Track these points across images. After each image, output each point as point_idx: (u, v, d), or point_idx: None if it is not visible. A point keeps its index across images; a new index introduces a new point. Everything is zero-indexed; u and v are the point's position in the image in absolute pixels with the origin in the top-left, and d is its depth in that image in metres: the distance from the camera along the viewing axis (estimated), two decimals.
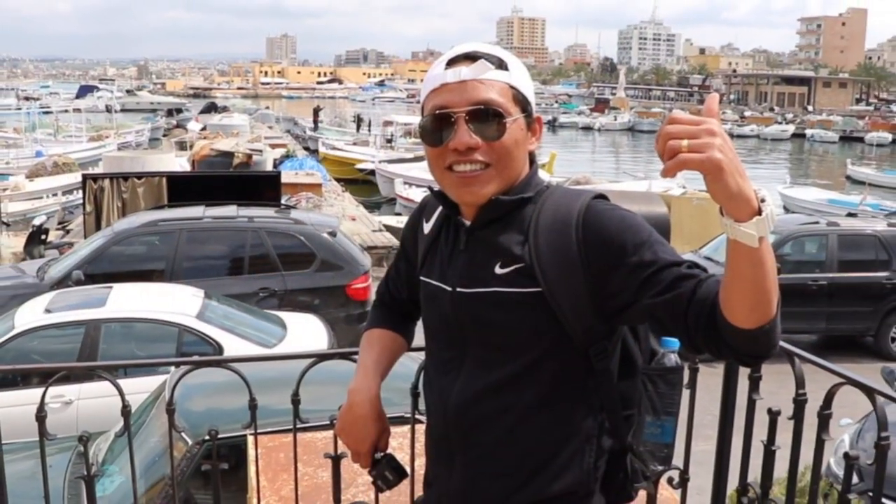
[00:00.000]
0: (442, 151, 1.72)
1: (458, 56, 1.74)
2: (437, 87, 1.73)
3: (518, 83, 1.75)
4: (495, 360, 1.75)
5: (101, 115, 50.52)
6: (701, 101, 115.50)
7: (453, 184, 1.74)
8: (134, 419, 2.63)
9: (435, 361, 1.89)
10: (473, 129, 1.68)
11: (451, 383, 1.80)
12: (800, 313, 11.41)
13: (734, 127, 79.16)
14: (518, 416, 1.74)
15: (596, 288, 1.67)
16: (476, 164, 1.70)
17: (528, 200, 1.76)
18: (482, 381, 1.76)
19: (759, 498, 2.62)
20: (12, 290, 8.92)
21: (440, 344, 1.87)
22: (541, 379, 1.73)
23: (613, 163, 53.18)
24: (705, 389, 2.74)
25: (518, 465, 1.75)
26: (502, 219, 1.76)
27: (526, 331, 1.72)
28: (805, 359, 2.55)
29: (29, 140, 35.74)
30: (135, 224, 9.84)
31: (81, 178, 14.89)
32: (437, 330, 1.87)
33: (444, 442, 1.84)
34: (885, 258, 11.67)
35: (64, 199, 22.00)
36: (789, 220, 13.63)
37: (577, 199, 1.74)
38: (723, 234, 1.39)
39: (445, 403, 1.81)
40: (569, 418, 1.75)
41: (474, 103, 1.68)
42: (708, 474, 2.93)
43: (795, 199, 27.03)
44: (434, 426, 1.88)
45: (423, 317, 1.96)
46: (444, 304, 1.81)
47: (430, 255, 1.89)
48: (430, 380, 1.91)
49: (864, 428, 6.05)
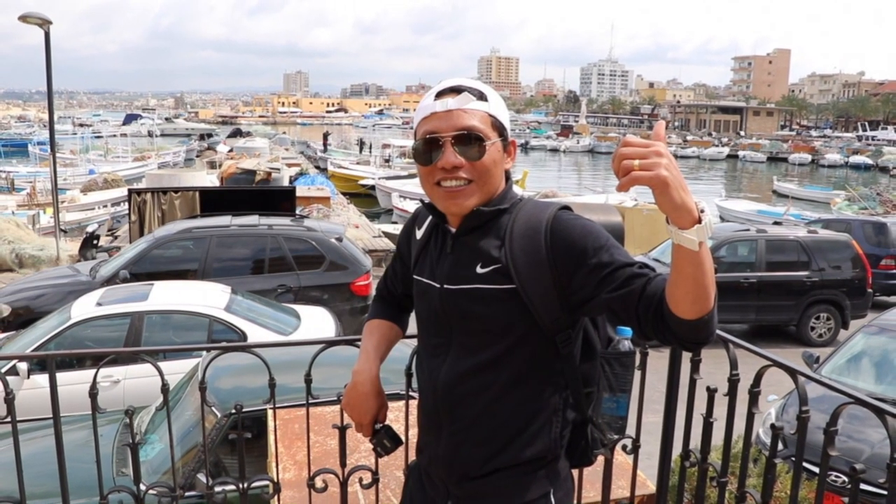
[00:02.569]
0: (431, 170, 1.73)
1: (446, 89, 1.75)
2: (427, 116, 1.74)
3: (496, 112, 1.76)
4: (477, 346, 1.76)
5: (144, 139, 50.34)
6: (650, 128, 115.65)
7: (441, 197, 1.76)
8: (171, 396, 2.62)
9: (425, 347, 1.90)
10: (458, 150, 1.70)
11: (439, 365, 1.82)
12: (733, 306, 11.49)
13: (678, 149, 79.47)
14: (496, 393, 1.75)
15: (562, 285, 1.68)
16: (460, 180, 1.71)
17: (505, 211, 1.78)
18: (466, 363, 1.77)
19: (699, 462, 2.64)
20: (69, 286, 8.88)
21: (430, 332, 1.87)
22: (515, 361, 1.74)
23: (576, 179, 53.23)
24: (654, 370, 2.75)
25: (495, 434, 1.76)
26: (482, 227, 1.77)
27: (503, 321, 1.72)
28: (738, 344, 2.56)
29: (83, 160, 35.68)
30: (172, 231, 9.81)
31: (127, 192, 14.84)
32: (428, 320, 1.87)
33: (433, 415, 1.85)
34: (805, 260, 11.73)
35: (112, 210, 21.94)
36: (725, 227, 13.64)
37: (545, 209, 1.76)
38: (669, 239, 1.40)
39: (435, 382, 1.82)
40: (539, 395, 1.76)
41: (459, 129, 1.70)
42: (656, 442, 2.94)
43: (730, 210, 27.11)
44: (424, 401, 1.89)
45: (415, 309, 1.96)
46: (434, 299, 1.82)
47: (422, 257, 1.90)
48: (422, 362, 1.91)
49: (788, 403, 6.08)
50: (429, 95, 1.78)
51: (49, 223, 16.91)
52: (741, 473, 2.47)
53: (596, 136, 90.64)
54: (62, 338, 6.40)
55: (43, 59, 14.40)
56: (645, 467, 2.96)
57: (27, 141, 46.59)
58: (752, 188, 48.74)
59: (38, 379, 5.96)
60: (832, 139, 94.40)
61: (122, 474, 3.99)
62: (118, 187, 24.65)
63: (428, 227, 1.93)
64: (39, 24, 14.29)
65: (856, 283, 11.87)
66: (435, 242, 1.88)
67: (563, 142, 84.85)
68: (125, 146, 41.44)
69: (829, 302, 11.78)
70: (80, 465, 3.08)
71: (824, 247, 11.89)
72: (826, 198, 33.96)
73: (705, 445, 2.61)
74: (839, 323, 11.82)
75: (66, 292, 8.58)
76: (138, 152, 41.83)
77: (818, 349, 8.40)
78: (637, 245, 15.36)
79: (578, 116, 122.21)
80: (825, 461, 2.12)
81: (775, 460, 2.35)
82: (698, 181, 52.65)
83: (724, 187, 43.09)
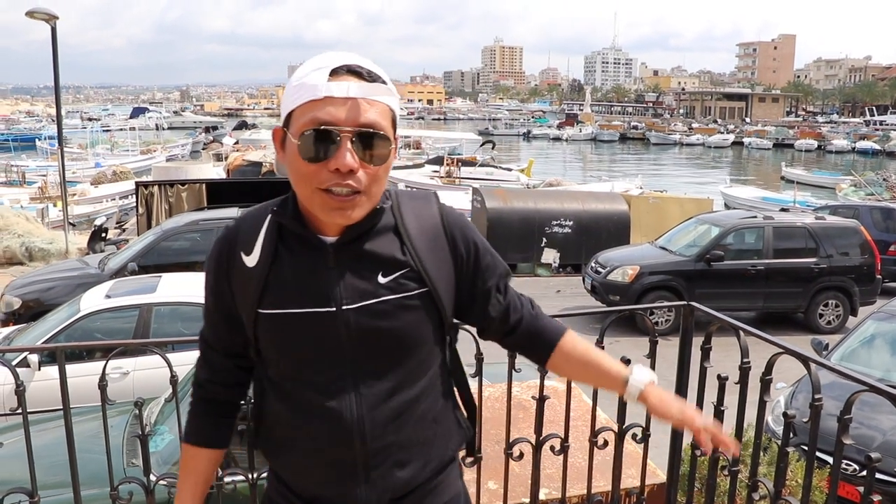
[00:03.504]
0: (319, 169, 1.39)
1: (341, 67, 1.40)
2: (318, 99, 1.38)
3: (396, 105, 1.48)
4: (389, 367, 1.52)
5: (150, 133, 50.35)
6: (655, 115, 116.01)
7: (326, 205, 1.41)
8: (180, 387, 2.61)
9: (307, 388, 1.52)
10: (357, 151, 1.39)
11: (347, 406, 1.49)
12: (741, 294, 11.45)
13: (683, 137, 79.24)
14: (415, 407, 1.56)
15: (462, 279, 1.61)
16: (351, 187, 1.39)
17: (384, 210, 1.54)
18: (382, 390, 1.51)
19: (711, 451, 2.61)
20: (78, 279, 8.92)
21: (315, 369, 1.50)
22: (427, 369, 1.58)
23: (581, 168, 53.13)
24: (662, 358, 2.73)
25: (421, 447, 1.58)
26: (368, 231, 1.51)
27: (415, 331, 1.53)
28: (749, 332, 2.53)
29: (90, 154, 35.72)
30: (180, 223, 9.83)
31: (135, 185, 14.87)
32: (310, 357, 1.50)
33: (343, 462, 1.53)
34: (813, 246, 11.66)
35: (120, 203, 21.96)
36: (731, 214, 13.58)
37: (429, 202, 1.62)
38: (676, 225, 1.40)
39: (349, 427, 1.49)
40: (446, 392, 1.66)
41: (362, 125, 1.38)
42: (665, 431, 2.92)
43: (735, 198, 27.01)
44: (325, 451, 1.53)
45: (276, 350, 1.53)
46: (329, 327, 1.48)
47: (277, 285, 1.49)
48: (304, 410, 1.52)
49: (797, 390, 6.05)
50: (316, 71, 1.39)
51: (58, 216, 16.96)
52: (753, 462, 2.45)
53: (599, 125, 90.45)
54: (72, 330, 6.41)
55: (50, 54, 14.43)
56: (654, 456, 2.94)
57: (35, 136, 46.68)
58: (758, 175, 48.53)
59: (48, 371, 5.97)
60: (839, 125, 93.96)
61: (133, 465, 4.00)
62: (126, 180, 24.72)
63: (267, 247, 1.51)
64: (46, 19, 14.30)
65: (864, 270, 11.80)
66: (294, 261, 1.50)
67: (565, 130, 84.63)
68: (133, 139, 41.48)
69: (837, 289, 11.70)
70: (90, 455, 3.08)
71: (832, 233, 11.81)
72: (834, 183, 33.77)
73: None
74: (848, 310, 11.75)
75: (76, 285, 8.60)
76: (145, 145, 41.91)
77: (826, 336, 8.36)
78: (643, 233, 15.34)
79: (583, 105, 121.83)
80: (839, 449, 2.10)
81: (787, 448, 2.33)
82: (703, 169, 52.48)
83: (730, 174, 42.85)
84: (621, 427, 2.73)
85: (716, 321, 2.63)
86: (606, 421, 3.12)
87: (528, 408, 3.32)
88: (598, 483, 2.77)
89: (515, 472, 2.84)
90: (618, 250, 12.82)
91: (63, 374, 2.49)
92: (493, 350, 2.98)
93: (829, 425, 2.22)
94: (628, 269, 11.44)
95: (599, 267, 11.88)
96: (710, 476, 2.71)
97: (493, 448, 2.99)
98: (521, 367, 2.56)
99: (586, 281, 12.20)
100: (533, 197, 16.65)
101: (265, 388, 1.60)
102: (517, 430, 2.70)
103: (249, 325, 1.52)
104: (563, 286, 13.96)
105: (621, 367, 1.70)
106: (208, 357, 1.66)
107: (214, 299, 1.58)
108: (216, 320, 1.60)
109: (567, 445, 2.71)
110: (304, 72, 1.41)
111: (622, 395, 1.69)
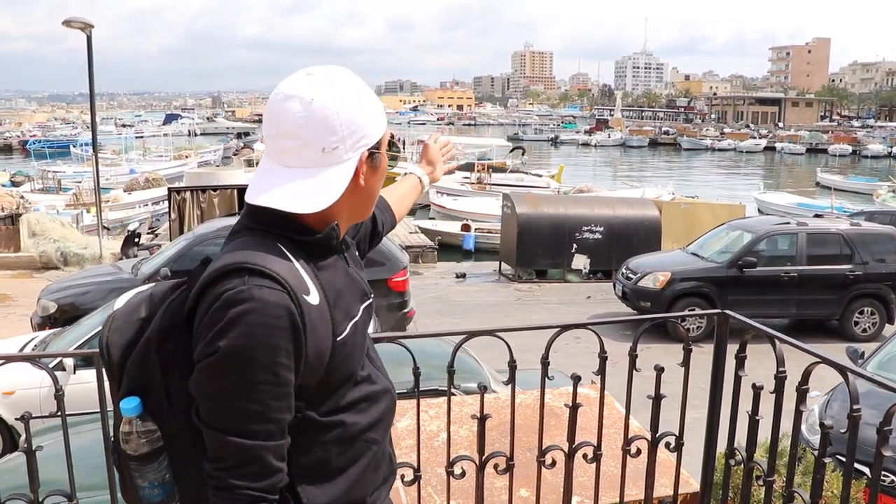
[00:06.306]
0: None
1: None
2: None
3: None
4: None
5: (183, 139, 50.97)
6: (687, 120, 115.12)
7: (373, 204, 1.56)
8: None
9: (373, 380, 1.52)
10: None
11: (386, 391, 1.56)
12: (773, 301, 11.30)
13: (714, 142, 78.52)
14: None
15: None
16: None
17: None
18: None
19: (745, 460, 2.58)
20: (112, 283, 9.05)
21: (366, 358, 1.52)
22: None
23: (611, 173, 52.84)
24: (694, 366, 2.70)
25: None
26: None
27: None
28: (784, 341, 2.49)
29: (124, 160, 36.27)
30: (212, 228, 9.92)
31: (167, 191, 15.07)
32: (364, 350, 1.51)
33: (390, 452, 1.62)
34: (848, 253, 11.49)
35: (153, 209, 22.27)
36: (764, 220, 13.43)
37: None
38: (708, 231, 1.37)
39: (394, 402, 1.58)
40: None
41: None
42: (698, 439, 2.90)
43: (769, 203, 26.72)
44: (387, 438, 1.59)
45: (352, 364, 1.44)
46: (369, 317, 1.52)
47: (337, 304, 1.40)
48: (381, 397, 1.53)
49: (832, 399, 5.95)
50: (375, 96, 1.48)
51: (92, 222, 17.25)
52: (789, 472, 2.42)
53: (629, 130, 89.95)
54: None
55: (85, 61, 14.69)
56: (687, 464, 2.91)
57: (71, 142, 47.50)
58: (791, 181, 47.89)
59: (83, 374, 6.06)
60: (875, 129, 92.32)
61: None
62: (159, 186, 25.06)
63: (312, 274, 1.38)
64: (82, 28, 14.58)
65: None
66: (332, 271, 1.44)
67: (594, 136, 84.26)
68: (166, 146, 42.04)
69: (873, 296, 11.50)
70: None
71: (868, 239, 11.62)
72: (871, 189, 33.22)
73: (751, 443, 2.55)
74: (884, 318, 11.54)
75: (110, 289, 8.74)
76: (177, 151, 42.44)
77: (862, 344, 8.22)
78: (675, 239, 15.22)
79: (613, 110, 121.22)
80: (878, 461, 2.07)
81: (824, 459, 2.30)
82: (735, 174, 51.90)
83: (762, 180, 42.35)
84: (654, 435, 2.71)
85: (751, 330, 2.61)
86: (639, 429, 3.10)
87: (560, 415, 3.31)
88: (631, 491, 2.75)
89: (547, 480, 2.83)
90: (649, 256, 12.75)
91: (100, 379, 2.52)
92: (527, 356, 2.99)
93: (865, 435, 2.18)
94: (659, 275, 11.36)
95: (630, 273, 11.80)
96: (745, 486, 2.68)
97: (526, 455, 2.98)
98: (553, 375, 2.56)
99: (617, 287, 12.13)
100: (563, 203, 16.62)
101: (308, 435, 1.39)
102: (549, 438, 2.69)
103: (321, 365, 1.34)
104: (593, 292, 13.90)
105: (410, 178, 2.21)
106: (279, 452, 1.32)
107: (293, 376, 1.30)
108: (289, 405, 1.31)
109: (600, 454, 2.70)
110: (376, 98, 1.47)
111: (424, 189, 2.22)
